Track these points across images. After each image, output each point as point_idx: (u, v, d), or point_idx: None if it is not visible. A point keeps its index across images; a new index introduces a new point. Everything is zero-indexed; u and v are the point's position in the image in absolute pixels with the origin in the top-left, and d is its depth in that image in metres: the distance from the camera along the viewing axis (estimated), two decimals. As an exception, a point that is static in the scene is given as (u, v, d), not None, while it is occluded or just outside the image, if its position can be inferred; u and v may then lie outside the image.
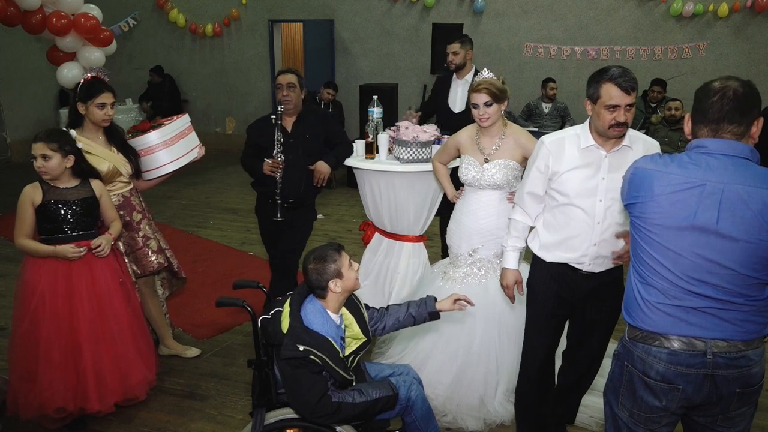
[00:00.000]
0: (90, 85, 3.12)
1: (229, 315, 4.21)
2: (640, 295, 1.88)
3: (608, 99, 2.25)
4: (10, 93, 9.09)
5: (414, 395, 2.46)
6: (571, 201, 2.44)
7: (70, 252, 2.81)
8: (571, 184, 2.43)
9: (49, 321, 2.84)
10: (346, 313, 2.43)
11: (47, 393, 2.84)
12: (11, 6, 4.93)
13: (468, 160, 3.13)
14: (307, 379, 2.23)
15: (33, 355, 2.85)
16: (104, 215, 3.03)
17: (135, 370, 3.06)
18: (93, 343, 2.90)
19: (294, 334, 2.22)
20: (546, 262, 2.57)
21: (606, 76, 2.25)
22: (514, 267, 2.73)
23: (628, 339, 1.93)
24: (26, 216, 2.83)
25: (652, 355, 1.84)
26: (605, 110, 2.27)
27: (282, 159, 3.58)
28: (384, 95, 5.55)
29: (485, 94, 2.94)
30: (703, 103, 1.81)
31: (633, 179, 1.87)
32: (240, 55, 9.80)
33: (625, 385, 1.94)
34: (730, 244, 1.73)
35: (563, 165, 2.43)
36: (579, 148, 2.42)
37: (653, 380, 1.85)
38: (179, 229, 6.23)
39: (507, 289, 2.78)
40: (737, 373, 1.80)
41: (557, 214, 2.51)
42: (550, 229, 2.55)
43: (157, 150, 3.35)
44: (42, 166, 2.81)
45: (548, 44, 8.17)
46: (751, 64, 7.43)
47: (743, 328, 1.80)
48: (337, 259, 2.32)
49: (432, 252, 4.18)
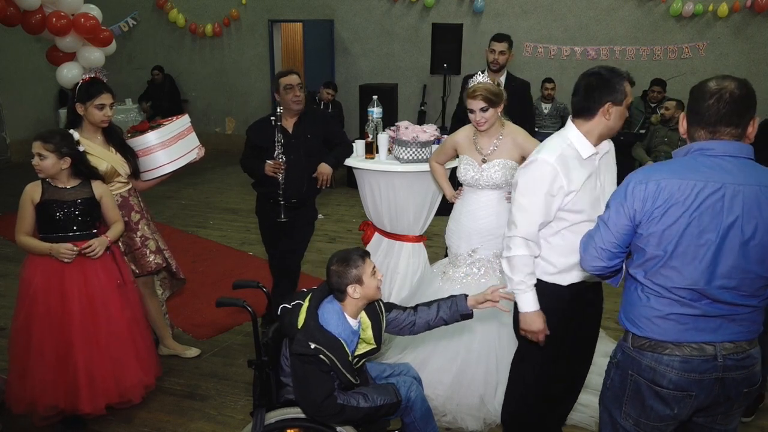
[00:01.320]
0: (89, 85, 3.12)
1: (229, 315, 4.21)
2: (648, 305, 1.83)
3: (631, 96, 2.26)
4: (10, 93, 9.09)
5: (413, 395, 2.45)
6: (588, 216, 2.26)
7: (62, 252, 2.81)
8: (586, 200, 2.28)
9: (42, 318, 2.86)
10: (364, 316, 2.41)
11: (38, 390, 2.86)
12: (11, 6, 4.92)
13: (466, 160, 3.13)
14: (316, 377, 2.23)
15: (25, 351, 2.88)
16: (106, 216, 3.02)
17: (130, 374, 3.05)
18: (85, 344, 2.90)
19: (308, 331, 2.22)
20: (563, 286, 2.37)
21: (623, 75, 2.22)
22: (537, 307, 2.32)
23: (632, 348, 1.88)
24: (26, 214, 2.86)
25: (663, 364, 1.81)
26: (626, 109, 2.26)
27: (283, 160, 3.58)
28: (384, 95, 5.55)
29: (480, 100, 2.93)
30: (699, 105, 1.78)
31: (659, 192, 1.75)
32: (240, 55, 9.80)
33: (630, 394, 1.89)
34: (753, 246, 1.71)
35: (575, 182, 2.24)
36: (580, 159, 2.27)
37: (665, 389, 1.81)
38: (179, 229, 6.23)
39: (539, 334, 2.34)
40: (745, 373, 1.81)
41: (567, 234, 2.31)
42: (563, 252, 2.33)
43: (155, 150, 3.35)
44: (37, 164, 2.84)
45: (548, 44, 8.17)
46: (751, 64, 7.43)
47: (747, 328, 1.80)
48: (360, 265, 2.29)
49: (432, 252, 4.18)
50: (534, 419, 2.62)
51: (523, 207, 2.28)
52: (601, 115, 2.23)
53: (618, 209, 1.82)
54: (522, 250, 2.29)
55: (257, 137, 3.71)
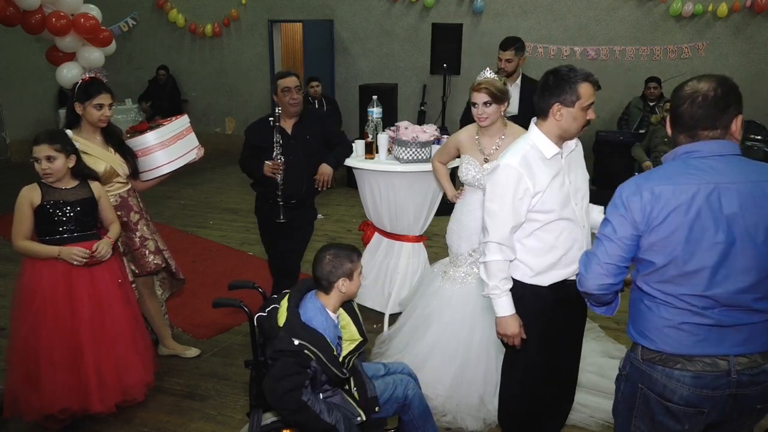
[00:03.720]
0: (88, 85, 3.11)
1: (229, 315, 4.21)
2: (659, 315, 1.78)
3: (587, 99, 2.20)
4: (10, 93, 9.08)
5: (411, 393, 2.46)
6: (558, 215, 2.29)
7: (74, 255, 2.79)
8: (553, 198, 2.28)
9: (51, 323, 2.83)
10: (342, 313, 2.43)
11: (50, 395, 2.84)
12: (11, 6, 4.92)
13: (468, 160, 3.14)
14: (289, 369, 2.19)
15: (34, 357, 2.84)
16: (103, 217, 3.02)
17: (133, 372, 3.05)
18: (94, 344, 2.89)
19: (290, 328, 2.22)
20: (544, 287, 2.37)
21: (579, 76, 2.19)
22: (512, 311, 2.35)
23: (642, 361, 1.83)
24: (24, 218, 2.80)
25: (674, 379, 1.76)
26: (582, 111, 2.21)
27: (282, 160, 3.58)
28: (383, 95, 5.55)
29: (485, 94, 2.94)
30: (676, 109, 1.77)
31: (655, 200, 1.71)
32: (239, 55, 9.80)
33: (639, 408, 1.85)
34: (761, 243, 1.67)
35: (540, 182, 2.26)
36: (544, 159, 2.28)
37: (676, 405, 1.76)
38: (179, 229, 6.23)
39: (514, 338, 2.37)
40: (760, 389, 1.76)
41: (541, 235, 2.32)
42: (538, 253, 2.34)
43: (154, 151, 3.35)
44: (48, 167, 2.79)
45: (548, 44, 8.17)
46: (750, 64, 7.43)
47: (761, 339, 1.75)
48: (355, 260, 2.35)
49: (432, 252, 4.18)
50: (531, 422, 2.60)
51: (493, 212, 2.31)
52: (551, 116, 2.24)
53: (620, 221, 1.78)
54: (496, 255, 2.32)
55: (256, 137, 3.71)
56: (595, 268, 1.85)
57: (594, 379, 3.25)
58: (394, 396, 2.47)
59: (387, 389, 2.48)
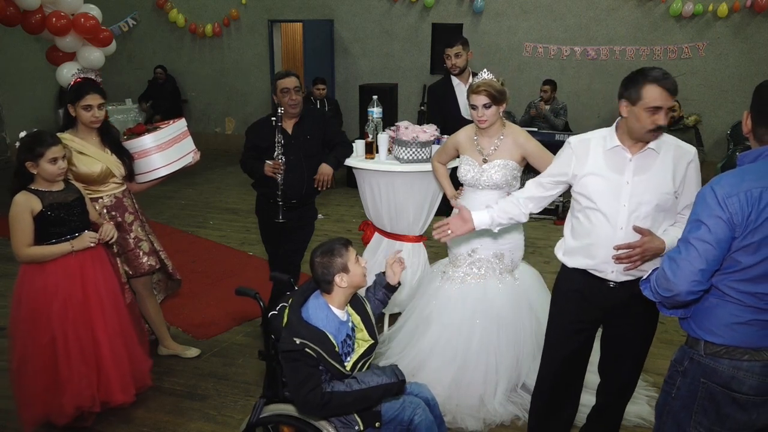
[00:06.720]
0: (78, 86, 3.13)
1: (229, 315, 4.21)
2: (730, 313, 1.78)
3: (651, 101, 2.15)
4: (10, 93, 9.08)
5: (417, 420, 2.37)
6: (596, 205, 2.34)
7: (88, 239, 2.87)
8: (595, 187, 2.34)
9: (71, 324, 2.86)
10: (353, 314, 2.42)
11: (76, 394, 2.88)
12: (11, 6, 4.93)
13: (467, 160, 3.13)
14: (301, 372, 2.22)
15: (52, 362, 2.86)
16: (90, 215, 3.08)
17: (140, 358, 3.17)
18: (108, 336, 2.97)
19: (291, 327, 2.24)
20: (569, 268, 2.48)
21: (649, 77, 2.15)
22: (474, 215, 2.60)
23: (704, 355, 1.83)
24: (26, 225, 2.77)
25: (743, 370, 1.77)
26: (646, 113, 2.17)
27: (283, 160, 3.58)
28: (384, 95, 5.55)
29: (484, 96, 2.94)
30: (764, 106, 1.72)
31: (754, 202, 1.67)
32: (240, 55, 9.80)
33: (701, 402, 1.84)
34: None
35: (586, 167, 2.36)
36: (604, 149, 2.35)
37: (745, 395, 1.78)
38: (179, 229, 6.23)
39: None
40: None
41: (581, 218, 2.42)
42: (575, 233, 2.46)
43: (151, 153, 3.36)
44: (63, 167, 2.82)
45: (548, 44, 8.17)
46: (750, 64, 7.44)
47: None
48: (344, 253, 2.33)
49: (432, 252, 4.18)
50: (543, 413, 2.71)
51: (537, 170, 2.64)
52: (621, 112, 2.28)
53: (717, 222, 1.70)
54: (524, 193, 2.60)
55: (257, 137, 3.71)
56: (688, 276, 1.75)
57: (595, 379, 3.24)
58: (398, 417, 2.39)
59: (393, 408, 2.40)
